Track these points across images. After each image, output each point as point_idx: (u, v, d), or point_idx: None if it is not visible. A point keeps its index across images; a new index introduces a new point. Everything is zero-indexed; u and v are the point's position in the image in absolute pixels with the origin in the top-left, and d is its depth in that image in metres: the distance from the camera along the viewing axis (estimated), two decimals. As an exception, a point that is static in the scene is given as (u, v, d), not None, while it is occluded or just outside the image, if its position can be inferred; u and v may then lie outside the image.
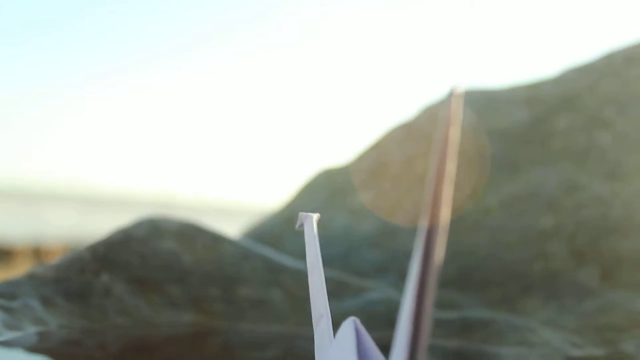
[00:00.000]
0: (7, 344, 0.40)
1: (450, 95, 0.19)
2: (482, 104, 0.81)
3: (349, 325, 0.25)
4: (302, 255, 0.66)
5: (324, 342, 0.27)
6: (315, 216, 0.29)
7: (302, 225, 0.30)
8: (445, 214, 0.19)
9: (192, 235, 0.55)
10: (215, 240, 0.55)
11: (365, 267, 0.65)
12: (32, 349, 0.40)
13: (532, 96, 0.79)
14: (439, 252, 0.19)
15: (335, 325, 0.26)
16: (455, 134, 0.19)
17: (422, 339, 0.19)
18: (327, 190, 0.83)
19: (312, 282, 0.28)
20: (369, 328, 0.51)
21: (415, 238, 0.68)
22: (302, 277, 0.54)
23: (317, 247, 0.28)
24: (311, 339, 0.29)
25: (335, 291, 0.54)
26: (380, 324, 0.51)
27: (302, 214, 0.29)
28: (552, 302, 0.56)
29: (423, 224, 0.19)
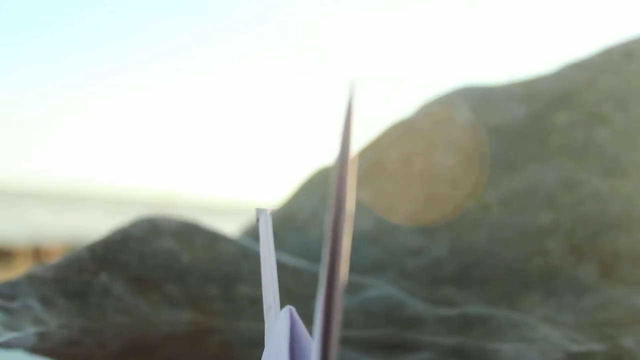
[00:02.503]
0: (7, 344, 0.40)
1: (350, 87, 0.20)
2: (479, 100, 0.81)
3: (285, 314, 0.26)
4: (301, 254, 0.66)
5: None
6: (270, 210, 0.30)
7: (258, 220, 0.30)
8: (350, 206, 0.20)
9: (190, 234, 0.55)
10: (214, 239, 0.55)
11: (363, 264, 0.65)
12: (32, 349, 0.40)
13: (529, 92, 0.79)
14: (346, 243, 0.20)
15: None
16: (356, 126, 0.20)
17: (334, 328, 0.20)
18: (325, 188, 0.83)
19: (264, 275, 0.29)
20: (367, 326, 0.51)
21: (413, 235, 0.68)
22: (300, 275, 0.54)
23: (270, 241, 0.29)
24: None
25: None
26: (379, 322, 0.51)
27: (257, 209, 0.30)
28: (551, 298, 0.56)
29: (329, 217, 0.20)
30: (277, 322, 0.26)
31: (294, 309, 0.26)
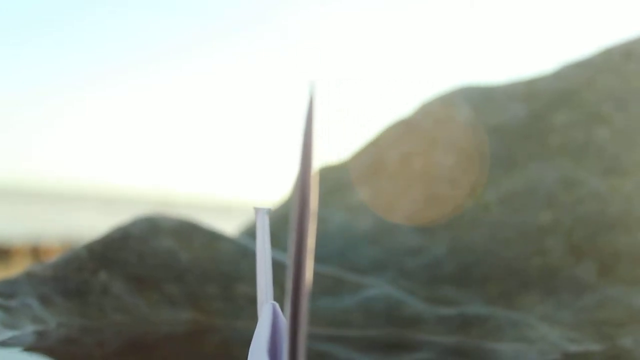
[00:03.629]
0: (6, 343, 0.40)
1: (311, 89, 0.21)
2: (479, 100, 0.81)
3: (268, 309, 0.28)
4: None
5: None
6: (267, 209, 0.31)
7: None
8: (313, 202, 0.21)
9: (189, 233, 0.55)
10: (213, 238, 0.55)
11: (363, 263, 0.65)
12: (31, 347, 0.40)
13: (530, 92, 0.79)
14: (311, 237, 0.21)
15: (333, 323, 0.28)
16: (318, 126, 0.21)
17: (302, 320, 0.21)
18: (324, 187, 0.83)
19: (259, 271, 0.30)
20: (367, 325, 0.51)
21: (412, 235, 0.68)
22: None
23: (266, 239, 0.30)
24: (309, 336, 0.29)
25: (332, 288, 0.54)
26: (378, 321, 0.51)
27: (255, 207, 0.31)
28: (550, 297, 0.56)
29: (294, 212, 0.21)
30: (261, 316, 0.28)
31: (277, 305, 0.28)
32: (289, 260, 0.21)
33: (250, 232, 0.78)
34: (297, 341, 0.21)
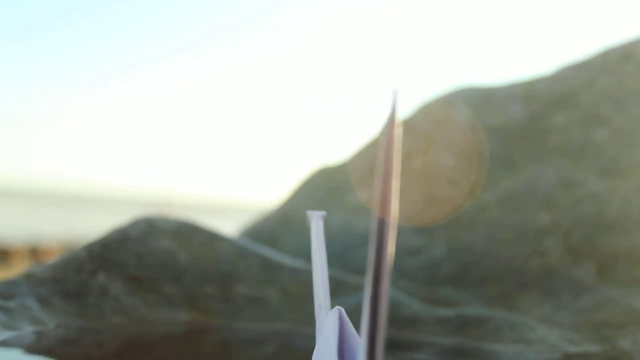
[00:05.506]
0: (5, 343, 0.40)
1: (393, 94, 0.21)
2: (479, 101, 0.81)
3: (334, 314, 0.28)
4: (298, 254, 0.66)
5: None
6: (322, 214, 0.31)
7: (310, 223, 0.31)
8: (394, 209, 0.21)
9: (188, 233, 0.55)
10: (211, 238, 0.55)
11: (362, 264, 0.65)
12: (30, 348, 0.40)
13: (529, 93, 0.79)
14: (391, 246, 0.21)
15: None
16: (399, 130, 0.21)
17: (380, 327, 0.21)
18: (324, 188, 0.83)
19: (315, 276, 0.30)
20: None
21: (411, 235, 0.68)
22: (298, 276, 0.54)
23: (321, 245, 0.30)
24: (308, 337, 0.29)
25: (333, 289, 0.54)
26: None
27: (309, 213, 0.31)
28: (549, 298, 0.56)
29: (374, 220, 0.21)
30: (327, 322, 0.28)
31: (342, 310, 0.28)
32: (369, 268, 0.21)
33: (249, 233, 0.78)
34: (375, 348, 0.20)
